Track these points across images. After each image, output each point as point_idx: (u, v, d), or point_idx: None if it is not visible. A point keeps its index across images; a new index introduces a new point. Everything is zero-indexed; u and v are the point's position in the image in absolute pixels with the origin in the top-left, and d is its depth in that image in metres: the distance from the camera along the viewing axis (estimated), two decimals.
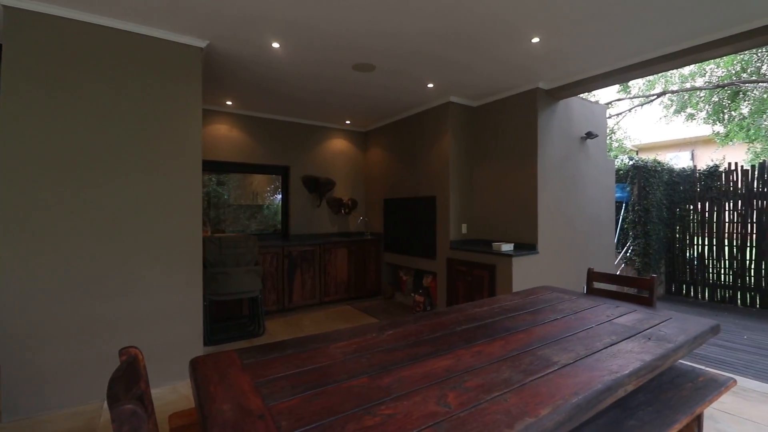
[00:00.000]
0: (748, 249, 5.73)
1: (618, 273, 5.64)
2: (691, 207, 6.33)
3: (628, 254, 6.29)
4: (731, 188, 5.91)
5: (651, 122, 10.23)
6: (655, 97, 8.08)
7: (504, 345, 1.53)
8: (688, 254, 6.37)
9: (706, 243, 6.16)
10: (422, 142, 4.84)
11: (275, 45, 3.03)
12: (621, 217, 6.41)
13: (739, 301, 5.78)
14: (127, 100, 2.70)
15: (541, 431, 0.97)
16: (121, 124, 2.68)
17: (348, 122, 5.67)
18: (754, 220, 5.69)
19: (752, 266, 5.69)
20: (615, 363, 1.33)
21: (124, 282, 2.68)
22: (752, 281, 5.67)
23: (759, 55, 7.02)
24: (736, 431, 2.24)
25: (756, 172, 5.70)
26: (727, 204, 5.96)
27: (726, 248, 5.96)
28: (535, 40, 2.97)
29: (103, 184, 2.62)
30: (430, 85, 4.04)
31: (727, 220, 5.98)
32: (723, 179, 6.00)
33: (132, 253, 2.71)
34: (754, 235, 5.69)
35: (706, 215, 6.17)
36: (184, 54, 2.90)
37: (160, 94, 2.82)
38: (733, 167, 5.93)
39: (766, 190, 5.58)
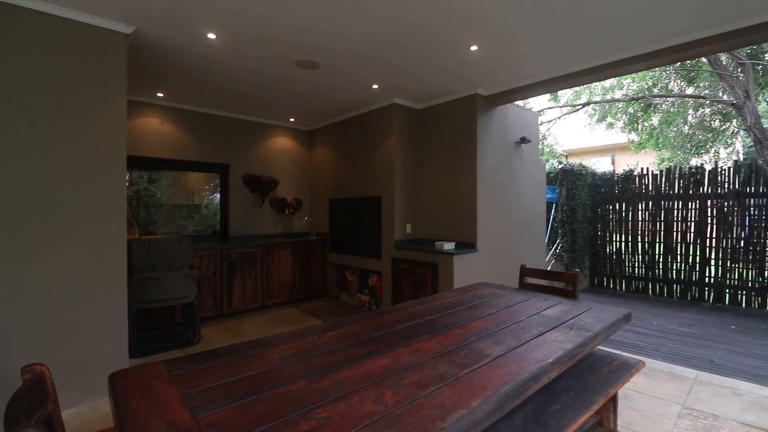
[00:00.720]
0: (657, 244, 6.46)
1: (549, 268, 6.09)
2: (611, 207, 6.99)
3: (557, 251, 6.80)
4: (643, 190, 6.62)
5: (577, 129, 11.16)
6: (581, 106, 8.82)
7: (442, 341, 1.58)
8: (608, 250, 7.03)
9: (623, 239, 6.84)
10: (368, 142, 4.86)
11: (211, 36, 2.87)
12: (551, 217, 6.92)
13: (650, 291, 6.49)
14: (41, 88, 2.41)
15: (472, 422, 1.02)
16: (32, 114, 2.38)
17: (292, 120, 5.54)
18: (662, 219, 6.42)
19: (660, 260, 6.41)
20: (541, 352, 1.43)
21: (34, 290, 2.38)
22: (661, 273, 6.40)
23: (667, 72, 7.93)
24: (646, 408, 2.50)
25: (663, 177, 6.43)
26: (640, 204, 6.66)
27: (639, 244, 6.66)
28: (474, 48, 3.11)
29: (11, 180, 2.31)
30: (375, 86, 4.06)
31: (640, 219, 6.68)
32: (637, 182, 6.70)
33: (44, 258, 2.42)
34: (662, 232, 6.42)
35: (623, 214, 6.85)
36: (106, 40, 2.65)
37: (80, 83, 2.55)
38: (644, 172, 6.65)
39: (671, 192, 6.32)
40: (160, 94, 4.30)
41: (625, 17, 2.62)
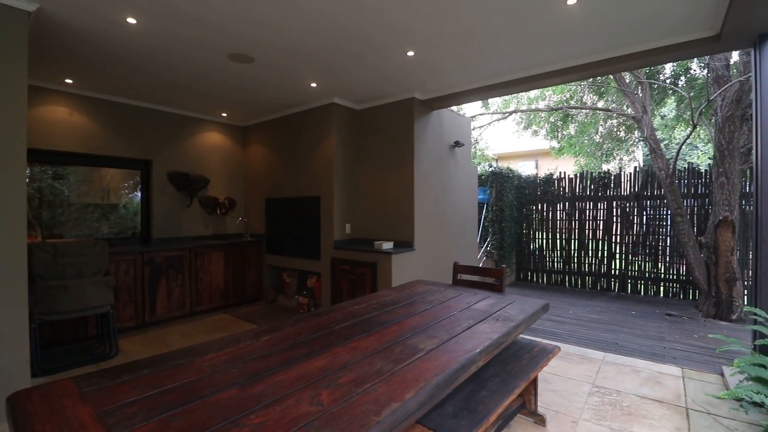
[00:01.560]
0: (573, 241, 7.15)
1: (480, 265, 6.44)
2: (534, 207, 7.60)
3: (488, 248, 7.24)
4: (561, 192, 7.29)
5: (506, 135, 11.97)
6: (509, 114, 9.47)
7: (378, 338, 1.62)
8: (532, 246, 7.63)
9: (545, 237, 7.48)
10: (306, 141, 4.78)
11: (131, 21, 2.63)
12: (483, 217, 7.35)
13: (567, 283, 7.16)
14: None
15: (406, 414, 1.06)
16: None
17: (224, 115, 5.26)
18: (577, 218, 7.13)
19: (575, 255, 7.11)
20: (470, 343, 1.53)
21: None
22: (575, 267, 7.09)
23: (581, 87, 8.81)
24: (562, 388, 2.77)
25: (577, 180, 7.14)
26: (559, 205, 7.32)
27: (558, 241, 7.32)
28: (410, 53, 3.20)
29: None
30: (313, 85, 4.01)
31: (559, 218, 7.35)
32: (556, 185, 7.36)
33: None
34: (577, 230, 7.12)
35: (545, 214, 7.49)
36: (3, 17, 2.32)
37: None
38: (562, 175, 7.32)
39: (584, 194, 7.04)
40: (69, 81, 3.84)
41: (543, 36, 2.89)
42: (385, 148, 4.49)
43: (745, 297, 4.95)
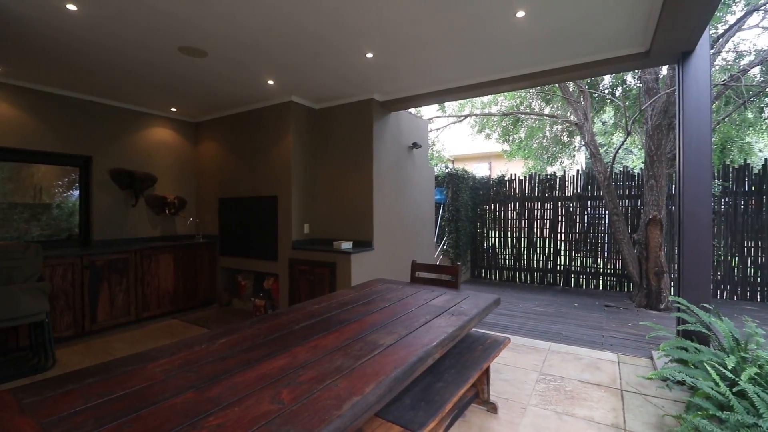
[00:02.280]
0: (522, 239, 7.55)
1: (437, 263, 6.61)
2: (488, 207, 7.93)
3: (444, 247, 7.45)
4: (512, 193, 7.67)
5: (462, 138, 12.37)
6: (464, 117, 9.80)
7: (338, 336, 1.64)
8: (485, 245, 7.97)
9: (497, 235, 7.83)
10: (263, 139, 4.67)
11: (71, 7, 2.45)
12: (439, 216, 7.56)
13: (517, 279, 7.55)
14: None
15: (366, 406, 1.09)
16: None
17: (174, 110, 5.01)
18: (526, 217, 7.53)
19: (524, 252, 7.51)
20: (427, 337, 1.59)
21: None
22: (525, 263, 7.50)
23: (530, 94, 9.32)
24: (512, 377, 2.93)
25: (527, 182, 7.54)
26: (510, 205, 7.70)
27: (509, 239, 7.69)
28: (369, 55, 3.24)
29: None
30: (271, 82, 3.93)
31: (510, 217, 7.72)
32: (507, 186, 7.73)
33: None
34: (526, 229, 7.53)
35: (497, 214, 7.84)
36: None
37: None
38: (513, 177, 7.70)
39: (533, 195, 7.45)
40: None
41: (493, 46, 3.04)
42: (344, 148, 4.50)
43: (672, 288, 5.49)
